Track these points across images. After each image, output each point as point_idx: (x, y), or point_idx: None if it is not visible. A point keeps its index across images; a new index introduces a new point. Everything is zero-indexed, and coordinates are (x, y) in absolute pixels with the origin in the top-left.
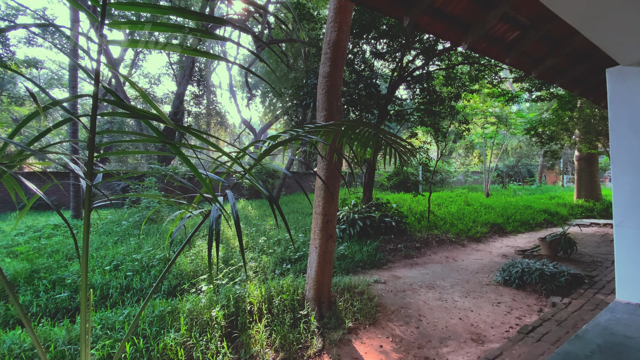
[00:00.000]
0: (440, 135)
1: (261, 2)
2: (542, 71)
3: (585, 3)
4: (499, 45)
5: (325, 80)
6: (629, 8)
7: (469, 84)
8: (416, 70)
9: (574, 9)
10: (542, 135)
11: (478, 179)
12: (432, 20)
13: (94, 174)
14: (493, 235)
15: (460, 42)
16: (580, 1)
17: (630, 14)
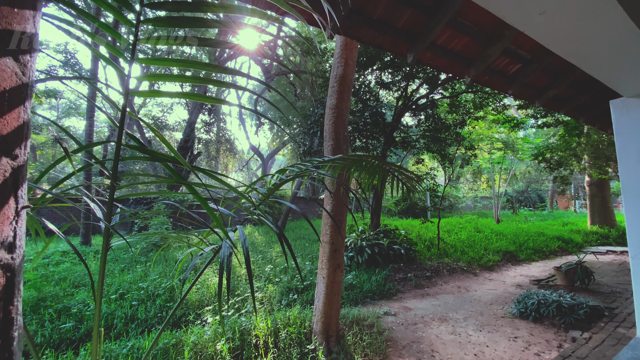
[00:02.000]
0: (446, 161)
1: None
2: (545, 101)
3: (581, 42)
4: (502, 77)
5: (332, 111)
6: (626, 44)
7: (473, 111)
8: (421, 99)
9: (571, 47)
10: (550, 160)
11: (487, 204)
12: (435, 57)
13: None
14: (506, 264)
15: (463, 75)
16: (575, 40)
17: (629, 49)
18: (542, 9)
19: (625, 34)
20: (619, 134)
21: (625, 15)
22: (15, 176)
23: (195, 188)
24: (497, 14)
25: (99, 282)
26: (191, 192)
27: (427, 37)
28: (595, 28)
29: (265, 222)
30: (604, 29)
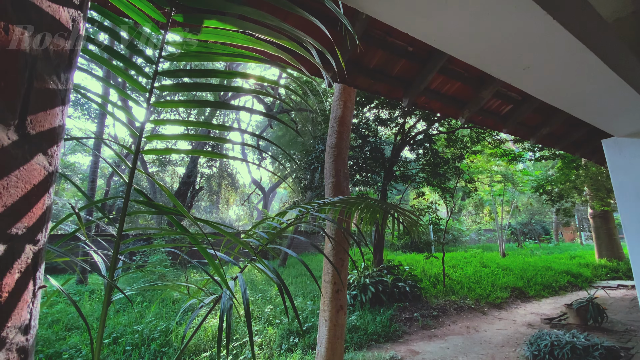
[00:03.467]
0: (447, 194)
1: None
2: (539, 138)
3: (565, 92)
4: (495, 117)
5: (332, 150)
6: (610, 92)
7: (470, 145)
8: (418, 134)
9: (556, 96)
10: (551, 193)
11: (492, 237)
12: (429, 100)
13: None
14: (515, 301)
15: (457, 116)
16: (560, 90)
17: (613, 96)
18: (526, 65)
19: (607, 83)
20: (614, 172)
21: (605, 66)
22: (35, 260)
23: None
24: (482, 69)
25: (97, 343)
26: (193, 242)
27: (420, 83)
28: (578, 80)
29: (266, 274)
30: (587, 81)
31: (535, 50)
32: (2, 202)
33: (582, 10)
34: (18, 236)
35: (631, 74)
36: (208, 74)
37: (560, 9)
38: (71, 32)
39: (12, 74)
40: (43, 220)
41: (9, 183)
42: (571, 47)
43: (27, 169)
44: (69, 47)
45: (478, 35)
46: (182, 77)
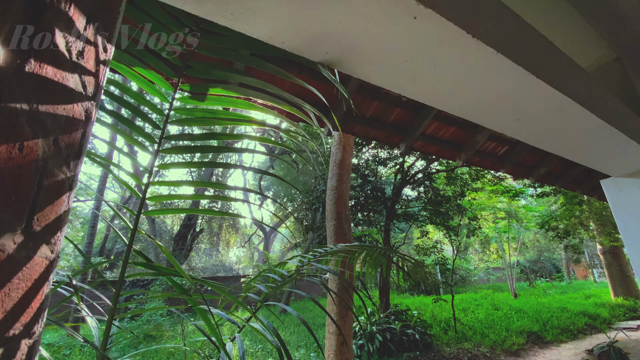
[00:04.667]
0: (451, 233)
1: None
2: (538, 177)
3: (556, 139)
4: (492, 158)
5: (333, 192)
6: (600, 137)
7: (470, 182)
8: (418, 173)
9: (548, 142)
10: (557, 229)
11: (501, 276)
12: (425, 144)
13: None
14: (532, 347)
15: (455, 159)
16: (551, 137)
17: (603, 140)
18: (516, 117)
19: (595, 129)
20: (617, 211)
21: (591, 114)
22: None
23: (201, 308)
24: (474, 121)
25: None
26: (191, 304)
27: (416, 130)
28: (567, 128)
29: (266, 338)
30: (576, 128)
31: (523, 105)
32: (2, 308)
33: (562, 65)
34: (15, 336)
35: (618, 118)
36: (209, 136)
37: (542, 67)
38: (84, 121)
39: (24, 187)
40: (41, 311)
41: (10, 288)
42: (556, 99)
43: (29, 266)
44: (80, 135)
45: (466, 95)
46: (186, 140)
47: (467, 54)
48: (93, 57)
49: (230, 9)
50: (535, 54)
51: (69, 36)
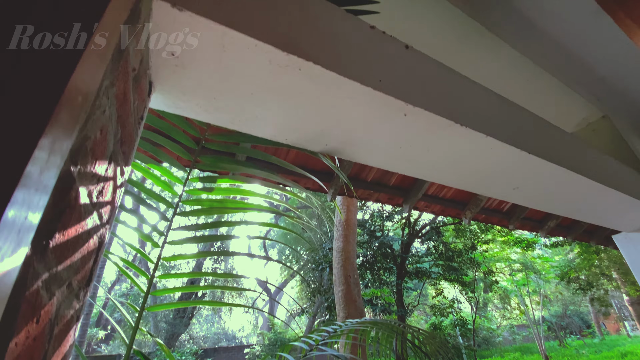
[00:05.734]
0: (467, 289)
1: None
2: (548, 230)
3: (557, 203)
4: (498, 214)
5: (340, 254)
6: (602, 199)
7: (480, 234)
8: (425, 227)
9: (550, 206)
10: (578, 280)
11: (527, 335)
12: (429, 204)
13: None
14: None
15: (460, 217)
16: (552, 201)
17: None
18: (515, 186)
19: (596, 193)
20: (634, 266)
21: (590, 180)
22: None
23: None
24: (473, 191)
25: None
26: None
27: (418, 191)
28: (566, 193)
29: None
30: (574, 192)
31: (520, 176)
32: None
33: (554, 137)
34: None
35: (617, 179)
36: (216, 225)
37: (532, 142)
38: (97, 248)
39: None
40: None
41: None
42: (552, 169)
43: None
44: (92, 264)
45: (462, 171)
46: (193, 229)
47: (457, 139)
48: (111, 189)
49: (238, 117)
50: (524, 131)
51: (91, 186)
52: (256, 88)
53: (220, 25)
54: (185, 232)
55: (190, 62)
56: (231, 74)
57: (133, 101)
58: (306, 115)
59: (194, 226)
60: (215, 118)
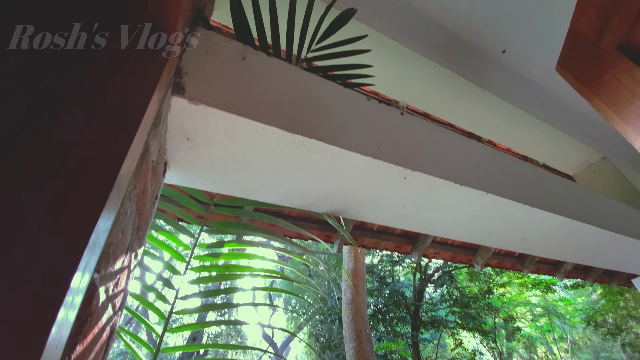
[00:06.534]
0: (488, 339)
1: None
2: (565, 273)
3: (567, 251)
4: (511, 259)
5: (350, 307)
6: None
7: (495, 277)
8: (437, 271)
9: (559, 254)
10: (606, 324)
11: None
12: (438, 251)
13: None
14: None
15: (471, 263)
16: (562, 251)
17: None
18: (522, 237)
19: (607, 240)
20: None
21: (599, 229)
22: None
23: None
24: (481, 244)
25: None
26: None
27: (426, 239)
28: (575, 243)
29: None
30: (586, 241)
31: (527, 228)
32: None
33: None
34: None
35: (627, 225)
36: (222, 278)
37: (537, 196)
38: (107, 337)
39: None
40: None
41: None
42: (560, 221)
43: None
44: (102, 353)
45: (468, 226)
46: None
47: (459, 197)
48: (125, 277)
49: (247, 187)
50: (525, 185)
51: (109, 283)
52: (264, 162)
53: (230, 114)
54: (193, 287)
55: (203, 144)
56: (240, 152)
57: (150, 188)
58: (311, 182)
59: (203, 292)
60: (225, 189)
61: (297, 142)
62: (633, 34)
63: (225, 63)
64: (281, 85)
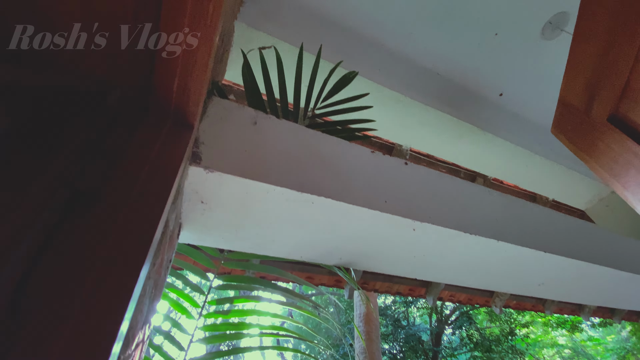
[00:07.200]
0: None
1: None
2: (589, 313)
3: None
4: (531, 299)
5: (363, 356)
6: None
7: (517, 316)
8: (454, 312)
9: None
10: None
11: None
12: (454, 293)
13: None
14: None
15: (489, 305)
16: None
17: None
18: (539, 282)
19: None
20: None
21: (617, 271)
22: None
23: None
24: (495, 290)
25: None
26: None
27: (439, 282)
28: (595, 283)
29: None
30: (607, 283)
31: (542, 274)
32: None
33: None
34: None
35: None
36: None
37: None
38: None
39: None
40: None
41: None
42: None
43: None
44: None
45: (481, 273)
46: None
47: (469, 246)
48: (140, 352)
49: (256, 243)
50: (536, 229)
51: None
52: (274, 220)
53: (243, 179)
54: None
55: (217, 206)
56: (252, 211)
57: (166, 255)
58: (320, 236)
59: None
60: (236, 246)
61: (306, 200)
62: (621, 109)
63: (238, 129)
64: (290, 145)
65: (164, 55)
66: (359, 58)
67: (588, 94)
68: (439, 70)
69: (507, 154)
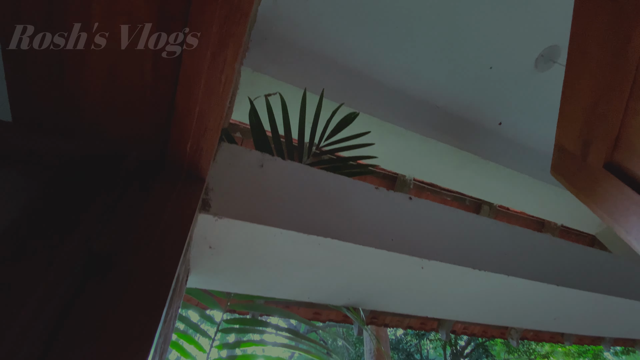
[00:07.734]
0: None
1: None
2: (610, 342)
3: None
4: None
5: None
6: None
7: (535, 346)
8: (469, 344)
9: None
10: None
11: None
12: (467, 326)
13: None
14: None
15: (505, 337)
16: (595, 327)
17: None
18: (555, 316)
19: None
20: None
21: (634, 301)
22: None
23: None
24: (509, 325)
25: None
26: None
27: None
28: (614, 316)
29: None
30: (624, 314)
31: (556, 308)
32: None
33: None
34: None
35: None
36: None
37: (556, 272)
38: None
39: None
40: None
41: None
42: (589, 297)
43: None
44: None
45: (493, 309)
46: None
47: (479, 282)
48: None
49: (263, 285)
50: (548, 262)
51: None
52: (280, 261)
53: (250, 223)
54: None
55: (224, 250)
56: (259, 255)
57: (175, 304)
58: (326, 277)
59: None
60: (243, 289)
61: (313, 241)
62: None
63: (245, 173)
64: (296, 187)
65: (177, 124)
66: (361, 96)
67: (582, 142)
68: (437, 103)
69: (511, 181)
